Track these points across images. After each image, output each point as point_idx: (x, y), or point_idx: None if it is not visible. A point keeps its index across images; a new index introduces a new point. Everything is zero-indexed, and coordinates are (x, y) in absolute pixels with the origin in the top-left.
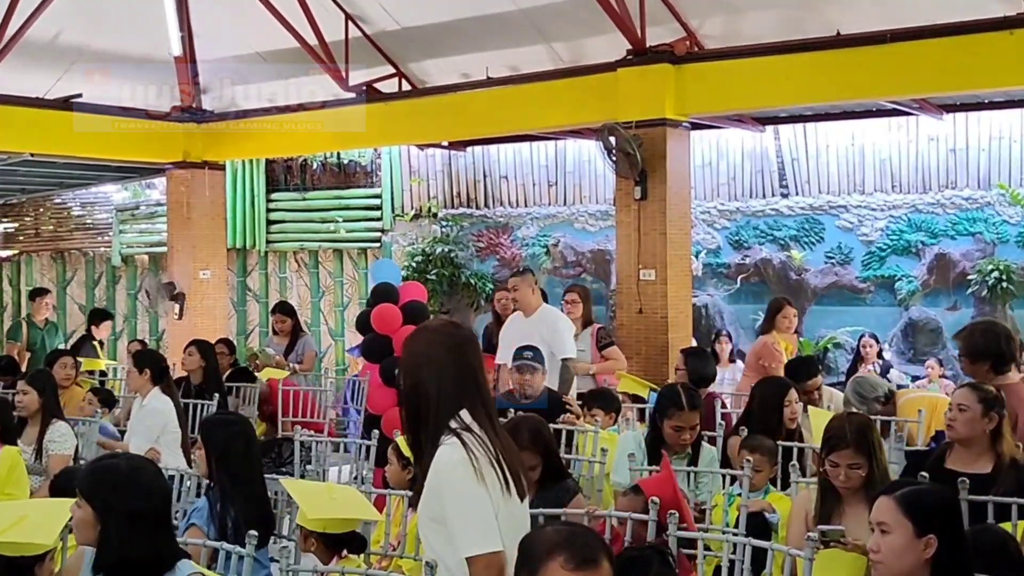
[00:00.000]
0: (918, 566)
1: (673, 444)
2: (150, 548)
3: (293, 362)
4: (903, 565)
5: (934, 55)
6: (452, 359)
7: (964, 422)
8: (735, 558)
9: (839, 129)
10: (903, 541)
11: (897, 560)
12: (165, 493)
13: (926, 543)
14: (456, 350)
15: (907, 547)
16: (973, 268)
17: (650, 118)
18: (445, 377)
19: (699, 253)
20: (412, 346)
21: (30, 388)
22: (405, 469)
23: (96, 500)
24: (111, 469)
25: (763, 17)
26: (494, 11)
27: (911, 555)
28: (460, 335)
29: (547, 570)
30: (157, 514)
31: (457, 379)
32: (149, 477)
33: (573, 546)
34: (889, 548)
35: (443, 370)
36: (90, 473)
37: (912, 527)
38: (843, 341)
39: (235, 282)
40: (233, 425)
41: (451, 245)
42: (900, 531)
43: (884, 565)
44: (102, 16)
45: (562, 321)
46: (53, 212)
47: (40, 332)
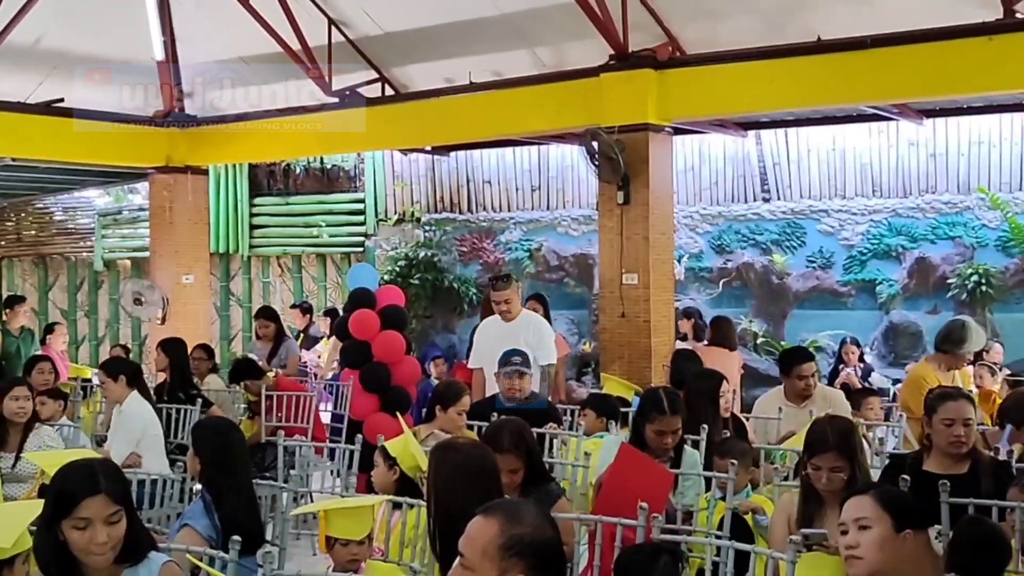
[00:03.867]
0: (898, 560)
1: (655, 448)
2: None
3: (276, 367)
4: (885, 558)
5: (914, 60)
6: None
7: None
8: (719, 560)
9: (820, 134)
10: (884, 535)
11: (879, 554)
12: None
13: (904, 538)
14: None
15: (887, 540)
16: (953, 272)
17: (633, 123)
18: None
19: (682, 257)
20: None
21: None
22: (391, 470)
23: (127, 499)
24: (110, 462)
25: (745, 22)
26: (477, 16)
27: (891, 548)
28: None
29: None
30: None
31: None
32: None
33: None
34: (871, 542)
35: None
36: (119, 477)
37: (891, 521)
38: (825, 345)
39: (218, 287)
40: (224, 429)
41: (434, 249)
42: (881, 525)
43: (864, 561)
44: (84, 20)
45: (546, 327)
46: (35, 217)
47: (15, 340)
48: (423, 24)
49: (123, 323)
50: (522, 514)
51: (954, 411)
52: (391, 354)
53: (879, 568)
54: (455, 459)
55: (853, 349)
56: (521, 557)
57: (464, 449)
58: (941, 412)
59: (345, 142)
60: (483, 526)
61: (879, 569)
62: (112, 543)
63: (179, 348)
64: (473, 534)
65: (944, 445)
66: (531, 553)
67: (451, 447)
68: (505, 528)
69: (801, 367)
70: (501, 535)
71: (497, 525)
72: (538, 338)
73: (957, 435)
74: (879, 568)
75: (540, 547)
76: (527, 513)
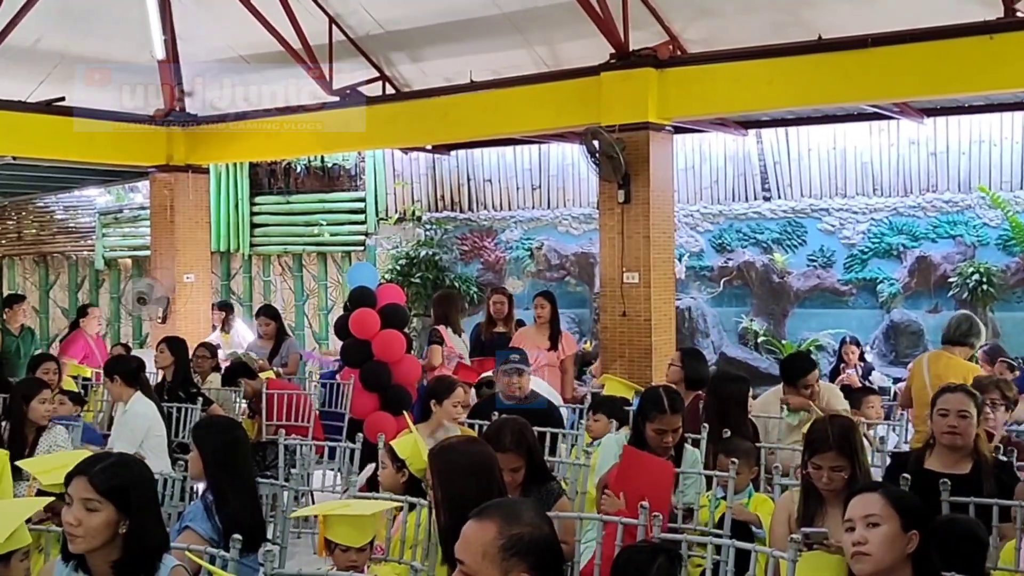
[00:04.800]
0: (902, 559)
1: (655, 447)
2: (159, 539)
3: (277, 365)
4: (893, 557)
5: (915, 59)
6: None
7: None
8: (719, 559)
9: (821, 133)
10: (893, 533)
11: (888, 552)
12: (155, 482)
13: (910, 538)
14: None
15: (896, 539)
16: (954, 271)
17: (633, 122)
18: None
19: (682, 256)
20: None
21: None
22: (400, 472)
23: (120, 500)
24: (126, 467)
25: (746, 22)
26: (478, 15)
27: (899, 547)
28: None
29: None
30: (157, 504)
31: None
32: (147, 470)
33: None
34: (881, 539)
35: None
36: (110, 474)
37: (900, 520)
38: (825, 344)
39: (219, 285)
40: (227, 429)
41: (435, 248)
42: (890, 523)
43: (872, 557)
44: (85, 20)
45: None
46: (36, 216)
47: (15, 339)
48: (424, 23)
49: (124, 322)
50: (519, 513)
51: (950, 402)
52: (391, 353)
53: (886, 566)
54: (457, 458)
55: (853, 349)
56: (522, 556)
57: (463, 447)
58: (939, 403)
59: (346, 141)
60: (480, 529)
61: (886, 567)
62: (84, 531)
63: (181, 347)
64: (470, 538)
65: (939, 435)
66: (532, 552)
67: (450, 447)
68: (504, 529)
69: (806, 378)
70: (500, 536)
71: (495, 526)
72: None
73: (952, 426)
74: (886, 566)
75: (540, 545)
76: (524, 511)
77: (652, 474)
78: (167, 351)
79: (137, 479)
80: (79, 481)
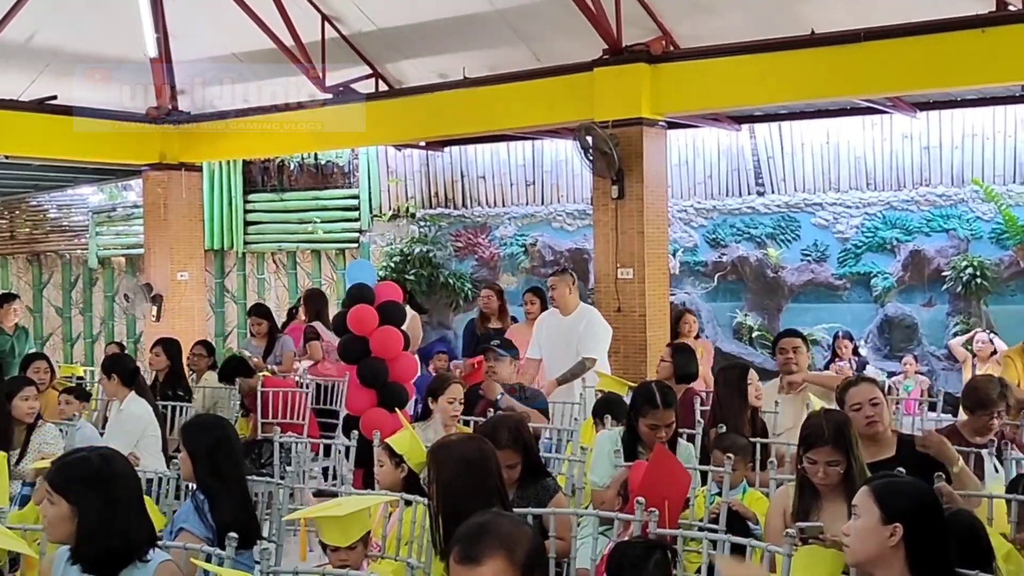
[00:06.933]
0: (883, 552)
1: (649, 442)
2: (127, 534)
3: (271, 364)
4: (867, 548)
5: (908, 54)
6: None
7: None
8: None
9: (814, 127)
10: (868, 525)
11: (861, 543)
12: (136, 479)
13: (892, 531)
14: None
15: (871, 531)
16: (948, 264)
17: (627, 117)
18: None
19: (676, 251)
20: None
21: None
22: (399, 468)
23: (72, 493)
24: (83, 461)
25: (738, 17)
26: (471, 12)
27: (874, 539)
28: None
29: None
30: (131, 500)
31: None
32: (119, 466)
33: (462, 541)
34: (855, 531)
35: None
36: (63, 468)
37: (880, 513)
38: (820, 338)
39: (213, 283)
40: (215, 427)
41: (429, 245)
42: (867, 516)
43: (850, 549)
44: (77, 17)
45: (599, 324)
46: (29, 214)
47: (9, 338)
48: (417, 20)
49: (118, 320)
50: (507, 533)
51: (859, 395)
52: (389, 350)
53: (866, 557)
54: (455, 454)
55: (846, 343)
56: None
57: (461, 444)
58: (848, 400)
59: (339, 138)
60: (490, 571)
61: (867, 558)
62: (46, 523)
63: (175, 349)
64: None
65: (861, 429)
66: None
67: (448, 444)
68: (513, 558)
69: (780, 341)
70: (512, 564)
71: (502, 560)
72: (587, 328)
73: (869, 416)
74: (866, 557)
75: (540, 548)
76: (508, 526)
77: (675, 479)
78: (163, 354)
79: (93, 475)
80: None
